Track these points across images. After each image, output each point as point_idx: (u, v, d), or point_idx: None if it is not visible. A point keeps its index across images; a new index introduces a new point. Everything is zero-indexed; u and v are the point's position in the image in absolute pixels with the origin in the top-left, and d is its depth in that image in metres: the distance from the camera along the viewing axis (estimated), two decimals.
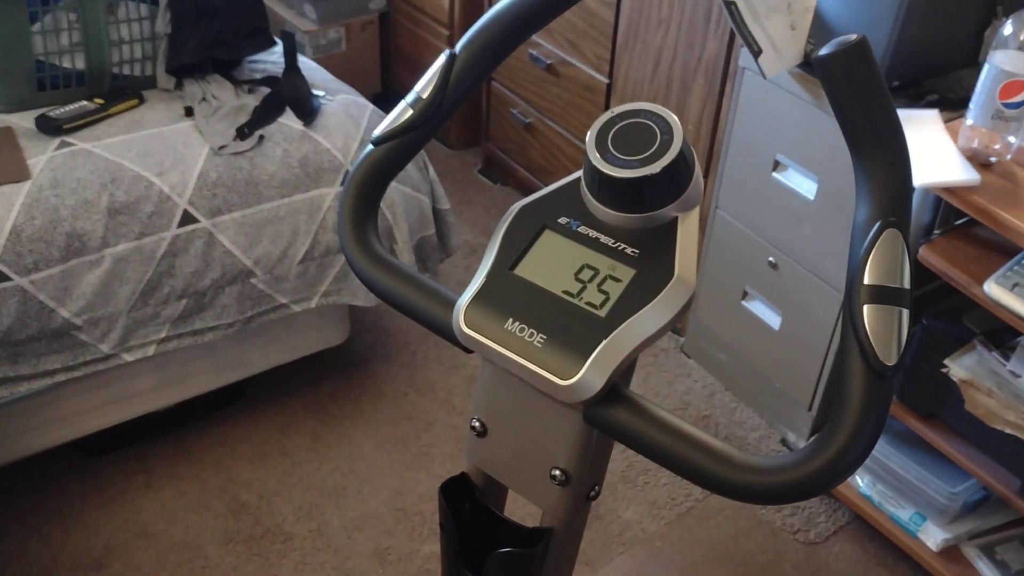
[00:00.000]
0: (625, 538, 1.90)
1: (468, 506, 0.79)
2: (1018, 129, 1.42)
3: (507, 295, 0.66)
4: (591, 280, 0.66)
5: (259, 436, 2.05)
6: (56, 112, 1.65)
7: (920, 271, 1.59)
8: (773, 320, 2.01)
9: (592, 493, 0.74)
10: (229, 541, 1.83)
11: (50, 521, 1.83)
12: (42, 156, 1.59)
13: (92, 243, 1.58)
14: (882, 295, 0.59)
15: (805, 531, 1.92)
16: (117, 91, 1.76)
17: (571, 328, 0.64)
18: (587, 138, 0.66)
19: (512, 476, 0.75)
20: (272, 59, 1.98)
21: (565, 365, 0.62)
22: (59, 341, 1.62)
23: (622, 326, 0.63)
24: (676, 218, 0.66)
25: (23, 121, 1.66)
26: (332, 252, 1.83)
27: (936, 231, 1.54)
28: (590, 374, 0.62)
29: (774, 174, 1.89)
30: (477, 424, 0.74)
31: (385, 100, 3.25)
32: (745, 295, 2.07)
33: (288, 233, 1.76)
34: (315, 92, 1.87)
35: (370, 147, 0.78)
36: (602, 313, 0.64)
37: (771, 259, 1.96)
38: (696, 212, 0.67)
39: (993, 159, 1.46)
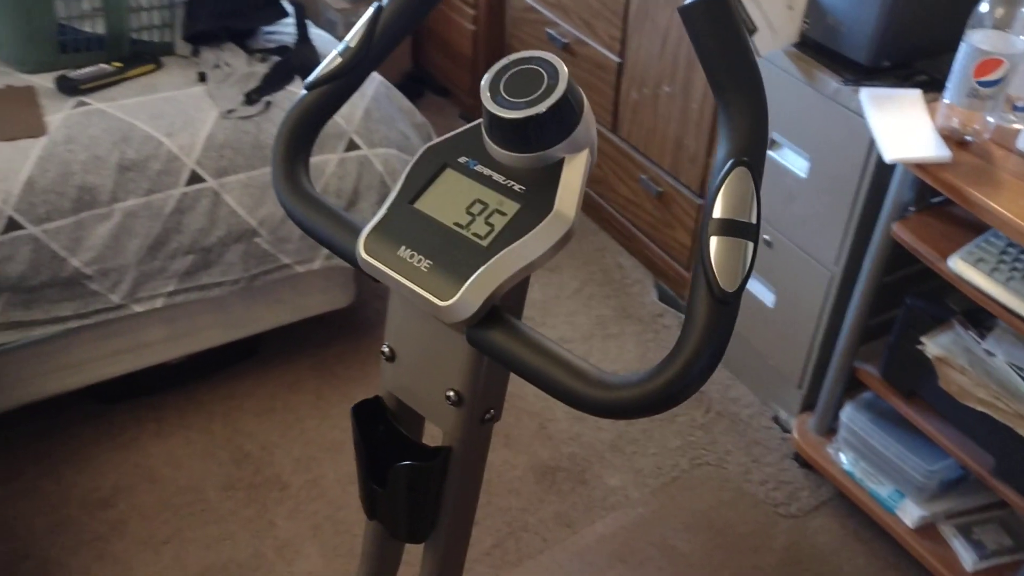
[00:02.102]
0: (608, 503, 1.94)
1: (382, 428, 0.85)
2: (994, 108, 1.43)
3: (404, 226, 0.72)
4: (480, 214, 0.71)
5: (266, 392, 2.14)
6: (75, 73, 1.75)
7: (900, 249, 1.61)
8: (767, 298, 2.04)
9: (487, 416, 0.79)
10: (230, 487, 1.93)
11: (63, 462, 1.95)
12: (59, 114, 1.69)
13: (102, 197, 1.68)
14: (728, 228, 0.63)
15: (787, 504, 1.94)
16: (135, 56, 1.85)
17: (455, 255, 0.69)
18: (482, 83, 0.71)
19: (416, 398, 0.81)
20: (288, 30, 2.06)
21: (445, 288, 0.68)
22: (71, 289, 1.72)
23: (500, 254, 0.68)
24: (563, 159, 0.71)
25: (44, 81, 1.76)
26: None
27: (911, 208, 1.55)
28: (466, 296, 0.67)
29: (769, 152, 1.91)
30: (387, 350, 0.81)
31: (415, 78, 3.33)
32: None
33: None
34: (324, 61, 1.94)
35: (303, 92, 0.84)
36: (485, 243, 0.69)
37: (766, 237, 1.98)
38: (584, 155, 0.72)
39: (970, 138, 1.47)
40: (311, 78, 0.83)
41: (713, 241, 0.63)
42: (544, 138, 0.70)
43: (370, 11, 0.82)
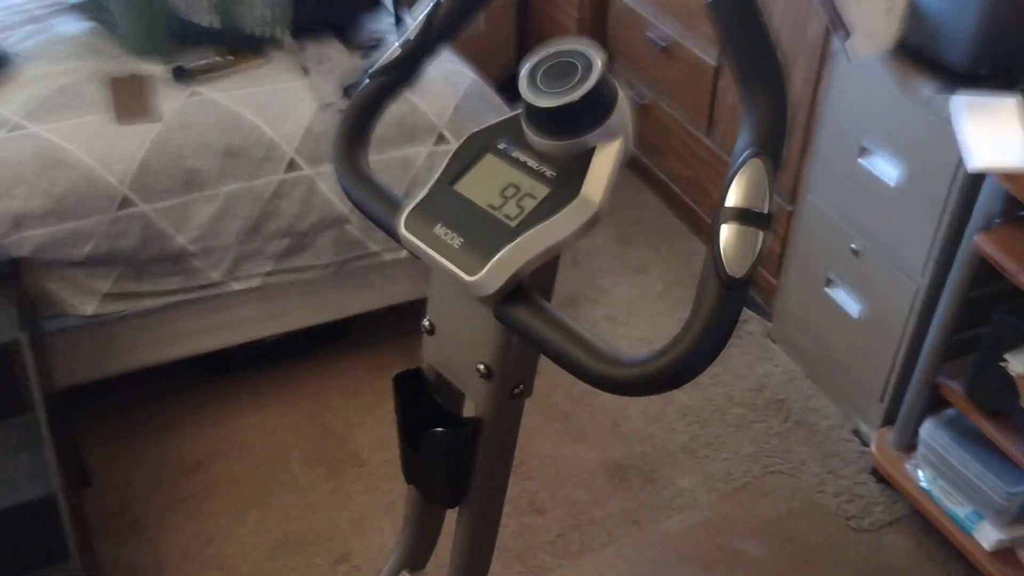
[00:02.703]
0: (675, 504, 1.95)
1: (422, 398, 0.90)
2: None
3: (442, 205, 0.77)
4: (512, 196, 0.75)
5: (354, 373, 2.24)
6: (190, 64, 1.89)
7: (990, 263, 1.56)
8: (853, 308, 2.00)
9: (516, 390, 0.84)
10: (313, 461, 2.03)
11: (165, 426, 2.09)
12: (174, 101, 1.83)
13: (208, 180, 1.80)
14: (740, 216, 0.65)
15: (860, 519, 1.90)
16: (247, 49, 1.97)
17: (484, 234, 0.73)
18: (520, 72, 0.75)
19: (451, 370, 0.86)
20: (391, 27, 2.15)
21: (472, 264, 0.73)
22: (176, 265, 1.86)
23: (525, 234, 0.72)
24: (595, 147, 0.74)
25: (162, 70, 1.90)
26: None
27: (997, 220, 1.51)
28: (491, 272, 0.72)
29: (860, 160, 1.88)
30: (427, 323, 0.86)
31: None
32: (829, 282, 2.07)
33: None
34: None
35: (367, 80, 0.90)
36: (513, 223, 0.73)
37: (854, 246, 1.95)
38: (616, 144, 0.75)
39: None
40: (374, 67, 0.89)
41: (724, 228, 0.65)
42: (576, 126, 0.73)
43: (429, 6, 0.87)
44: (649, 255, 2.63)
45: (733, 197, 0.66)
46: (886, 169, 1.83)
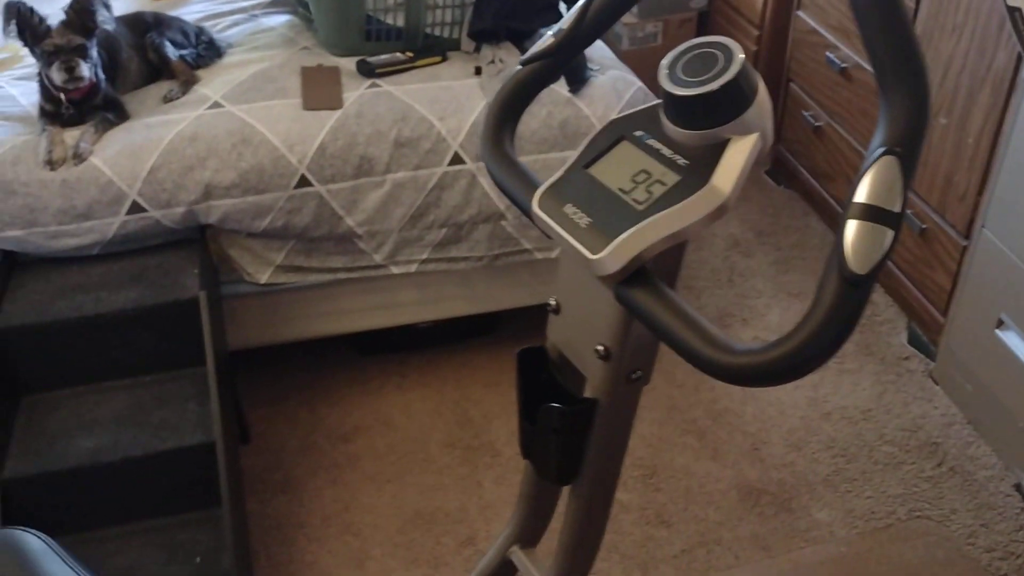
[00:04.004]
0: (810, 536, 1.88)
1: (544, 376, 0.93)
2: None
3: (575, 187, 0.80)
4: (642, 182, 0.77)
5: (497, 366, 2.30)
6: (373, 59, 2.01)
7: None
8: None
9: (634, 375, 0.85)
10: (450, 445, 2.10)
11: (317, 397, 2.23)
12: (355, 92, 1.95)
13: (378, 167, 1.91)
14: (868, 213, 0.64)
15: None
16: (426, 48, 2.08)
17: (612, 216, 0.76)
18: (661, 63, 0.77)
19: (572, 350, 0.88)
20: None
21: (597, 243, 0.75)
22: (342, 245, 1.98)
23: (651, 218, 0.74)
24: (730, 139, 0.75)
25: (348, 64, 2.04)
26: None
27: None
28: (614, 252, 0.74)
29: None
30: (553, 303, 0.89)
31: None
32: (1000, 324, 1.94)
33: None
34: (590, 65, 2.07)
35: (518, 67, 0.94)
36: (640, 207, 0.75)
37: None
38: (752, 139, 0.75)
39: None
40: (526, 55, 0.93)
41: (851, 224, 0.64)
42: (713, 116, 0.74)
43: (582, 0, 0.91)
44: (807, 280, 2.55)
45: (862, 193, 0.65)
46: None
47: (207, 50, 2.08)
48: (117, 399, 1.72)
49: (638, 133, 0.81)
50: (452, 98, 1.97)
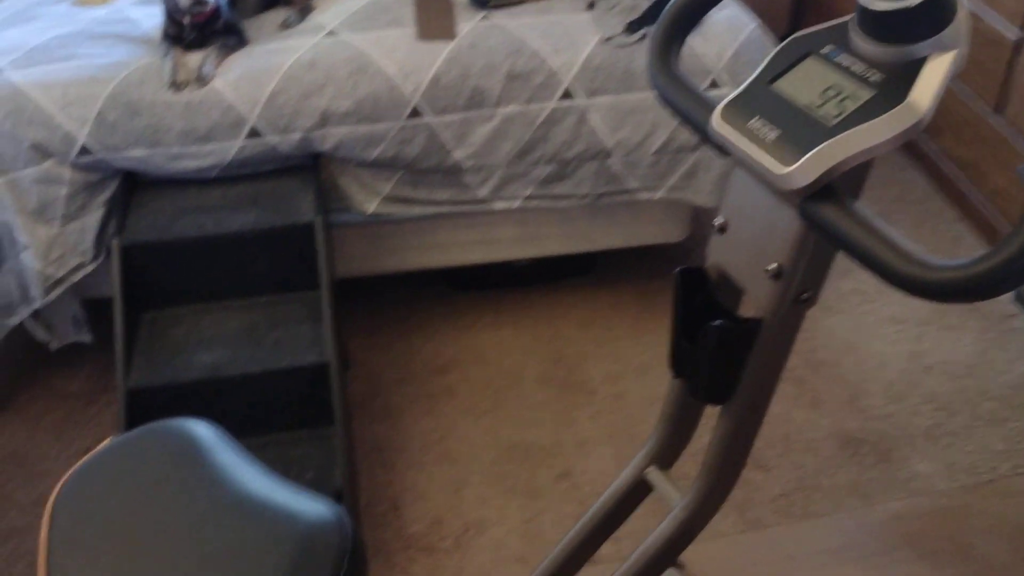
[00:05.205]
0: (909, 487, 1.87)
1: (701, 297, 0.93)
2: None
3: (758, 102, 0.79)
4: (833, 98, 0.76)
5: (591, 307, 2.30)
6: None
7: None
8: None
9: (804, 296, 0.84)
10: (545, 381, 2.12)
11: (415, 330, 2.26)
12: (468, 23, 1.94)
13: (489, 100, 1.91)
14: None
15: None
16: None
17: (801, 130, 0.75)
18: None
19: (739, 270, 0.88)
20: None
21: (786, 156, 0.74)
22: (449, 178, 1.99)
23: (844, 133, 0.72)
24: (927, 56, 0.74)
25: None
26: (686, 150, 1.99)
27: None
28: (806, 166, 0.73)
29: None
30: (720, 222, 0.88)
31: None
32: None
33: (649, 124, 1.96)
34: None
35: None
36: (832, 123, 0.74)
37: None
38: (950, 56, 0.73)
39: None
40: None
41: None
42: (911, 32, 0.73)
43: None
44: (908, 235, 2.50)
45: None
46: None
47: None
48: (234, 318, 1.78)
49: (826, 50, 0.79)
50: (564, 33, 1.95)
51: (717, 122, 0.80)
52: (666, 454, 1.05)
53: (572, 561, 1.10)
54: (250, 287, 1.81)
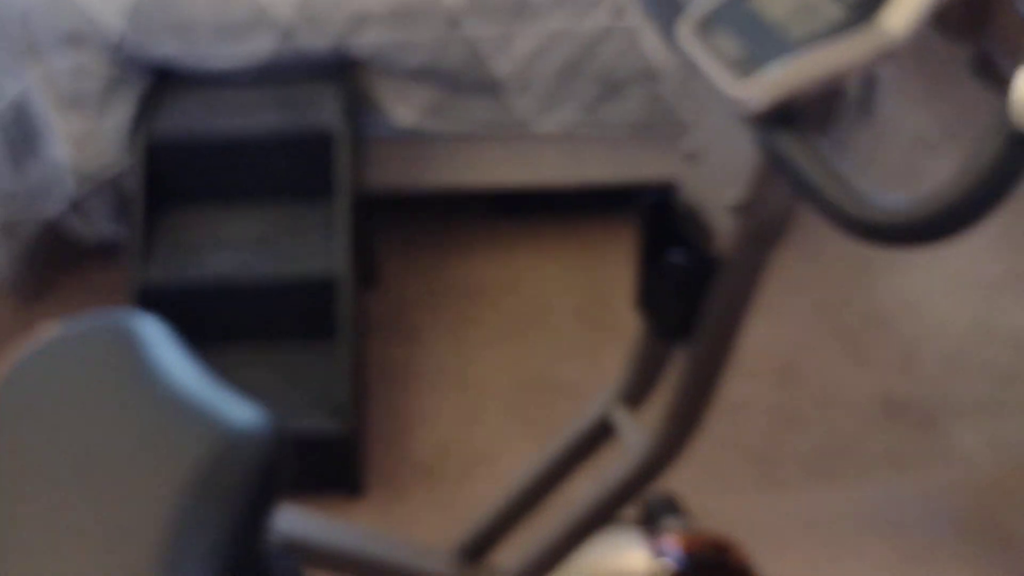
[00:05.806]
0: (950, 459, 1.74)
1: (669, 227, 0.84)
2: None
3: (726, 17, 0.69)
4: (803, 15, 0.66)
5: (631, 244, 2.20)
6: None
7: None
8: None
9: (767, 233, 0.75)
10: (576, 316, 2.05)
11: (449, 251, 2.18)
12: None
13: (537, 13, 1.80)
14: None
15: None
16: None
17: (761, 48, 0.66)
18: None
19: (703, 201, 0.79)
20: None
21: (742, 76, 0.65)
22: (490, 95, 1.89)
23: (807, 54, 0.64)
24: None
25: None
26: None
27: None
28: (761, 86, 0.64)
29: None
30: (687, 148, 0.79)
31: None
32: None
33: None
34: None
35: None
36: (794, 41, 0.64)
37: None
38: None
39: None
40: None
41: None
42: None
43: None
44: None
45: None
46: None
47: None
48: (252, 222, 1.75)
49: None
50: None
51: (681, 32, 0.70)
52: (632, 391, 0.98)
53: (527, 500, 1.04)
54: (271, 191, 1.78)
